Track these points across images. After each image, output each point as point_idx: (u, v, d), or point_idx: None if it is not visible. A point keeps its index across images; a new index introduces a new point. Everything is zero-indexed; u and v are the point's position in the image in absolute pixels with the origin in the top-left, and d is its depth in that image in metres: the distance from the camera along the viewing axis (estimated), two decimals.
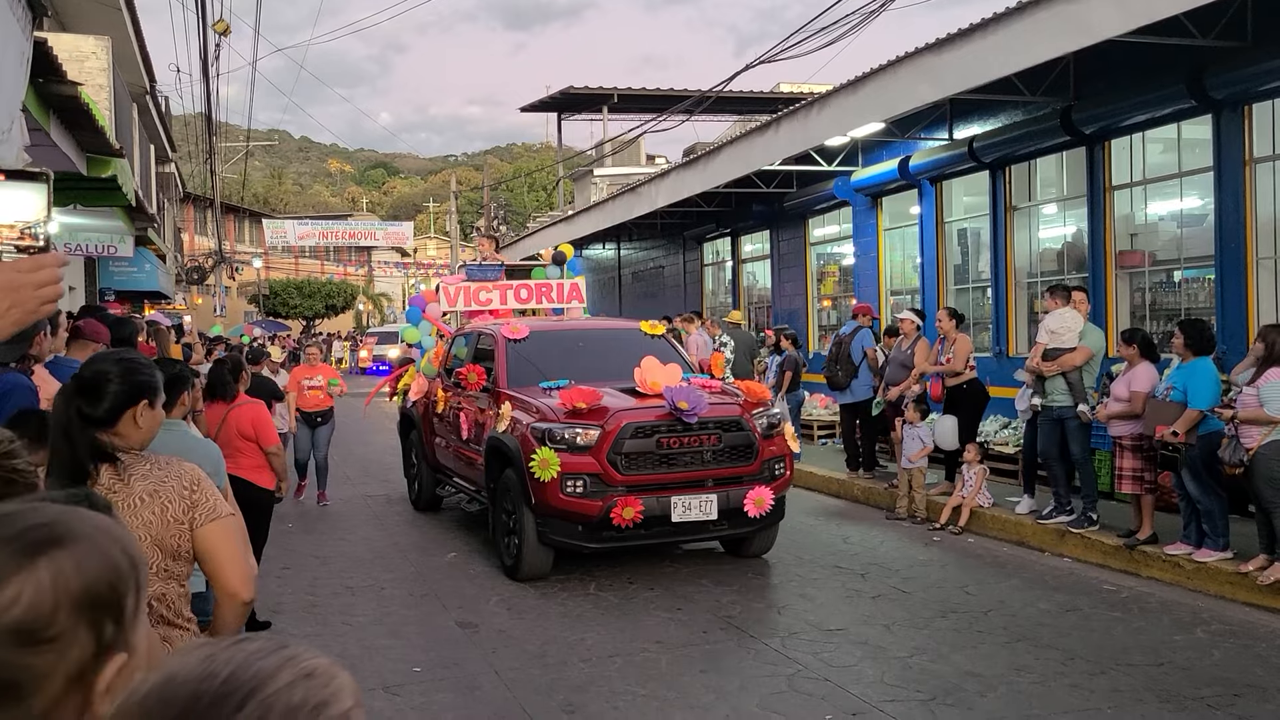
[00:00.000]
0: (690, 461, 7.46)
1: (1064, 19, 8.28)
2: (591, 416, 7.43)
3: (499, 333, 8.99)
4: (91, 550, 1.03)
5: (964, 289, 13.63)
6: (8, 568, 1.00)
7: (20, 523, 1.04)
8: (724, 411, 7.66)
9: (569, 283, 11.44)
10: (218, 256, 37.35)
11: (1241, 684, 5.38)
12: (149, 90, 17.57)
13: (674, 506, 7.34)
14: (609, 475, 7.28)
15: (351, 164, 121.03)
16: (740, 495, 7.51)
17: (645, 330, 9.37)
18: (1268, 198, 9.25)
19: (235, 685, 0.82)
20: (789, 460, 8.03)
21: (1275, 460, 6.75)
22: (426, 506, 10.57)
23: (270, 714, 0.80)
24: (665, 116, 20.52)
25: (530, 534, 7.52)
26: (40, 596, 0.99)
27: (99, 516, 1.10)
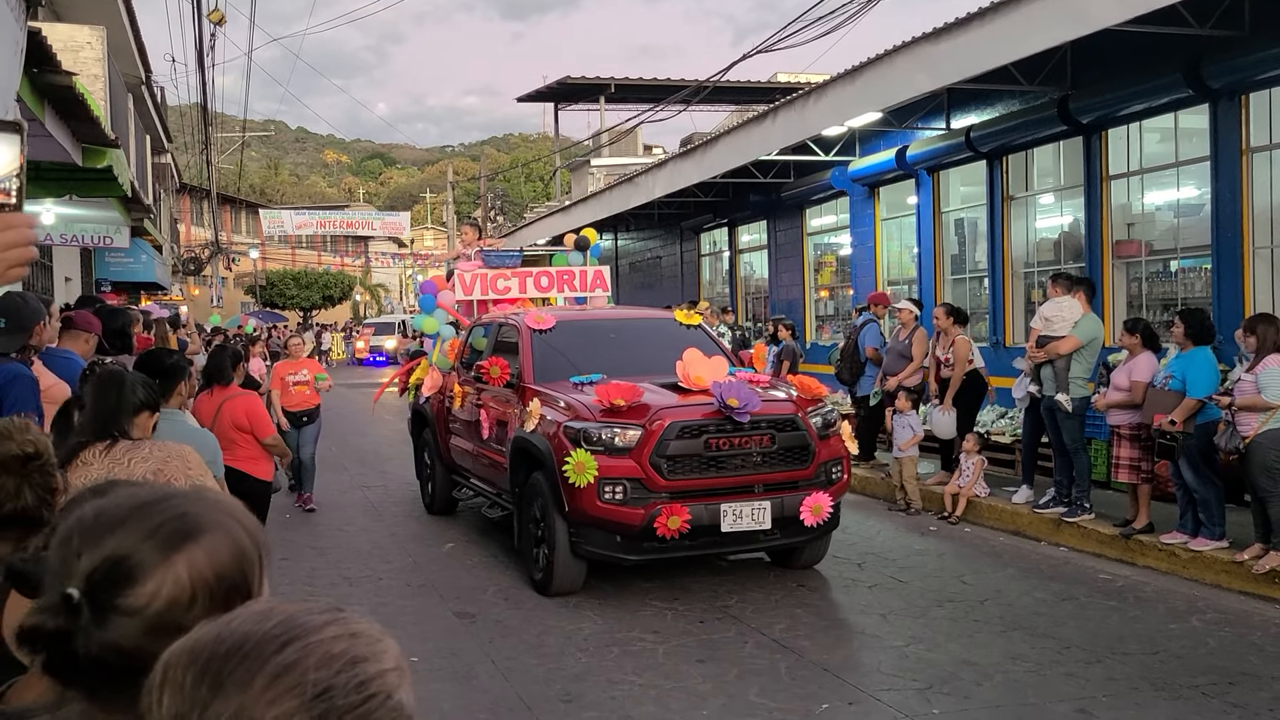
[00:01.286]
0: (741, 465, 6.74)
1: (1061, 8, 8.26)
2: (631, 415, 6.73)
3: (523, 323, 8.28)
4: (224, 539, 1.08)
5: (961, 279, 13.63)
6: (147, 563, 1.04)
7: (157, 516, 1.08)
8: (777, 409, 6.96)
9: (592, 270, 10.77)
10: (214, 247, 37.28)
11: (1236, 672, 5.40)
12: (144, 81, 17.51)
13: (724, 515, 6.62)
14: (652, 480, 6.56)
15: (348, 155, 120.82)
16: (796, 502, 6.80)
17: (680, 319, 8.75)
18: (1264, 187, 9.25)
19: (282, 630, 0.87)
20: (846, 462, 7.32)
21: (1271, 448, 6.77)
22: (442, 509, 9.91)
23: (308, 658, 0.85)
24: (662, 107, 20.49)
25: (562, 545, 6.82)
26: (179, 589, 1.04)
27: (227, 501, 1.15)
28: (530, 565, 7.32)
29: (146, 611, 1.03)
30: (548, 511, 6.93)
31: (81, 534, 1.08)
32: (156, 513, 1.08)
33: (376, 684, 0.87)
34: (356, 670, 0.86)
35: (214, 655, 0.85)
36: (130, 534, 1.06)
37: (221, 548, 1.07)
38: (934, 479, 10.11)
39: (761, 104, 17.65)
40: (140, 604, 1.03)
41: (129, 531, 1.06)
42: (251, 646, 0.85)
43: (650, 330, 8.88)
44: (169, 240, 27.30)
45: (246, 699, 0.82)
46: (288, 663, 0.84)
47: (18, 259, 1.65)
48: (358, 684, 0.86)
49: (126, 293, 20.58)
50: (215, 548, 1.07)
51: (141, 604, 1.03)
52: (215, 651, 0.85)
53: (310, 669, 0.84)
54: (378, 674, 0.87)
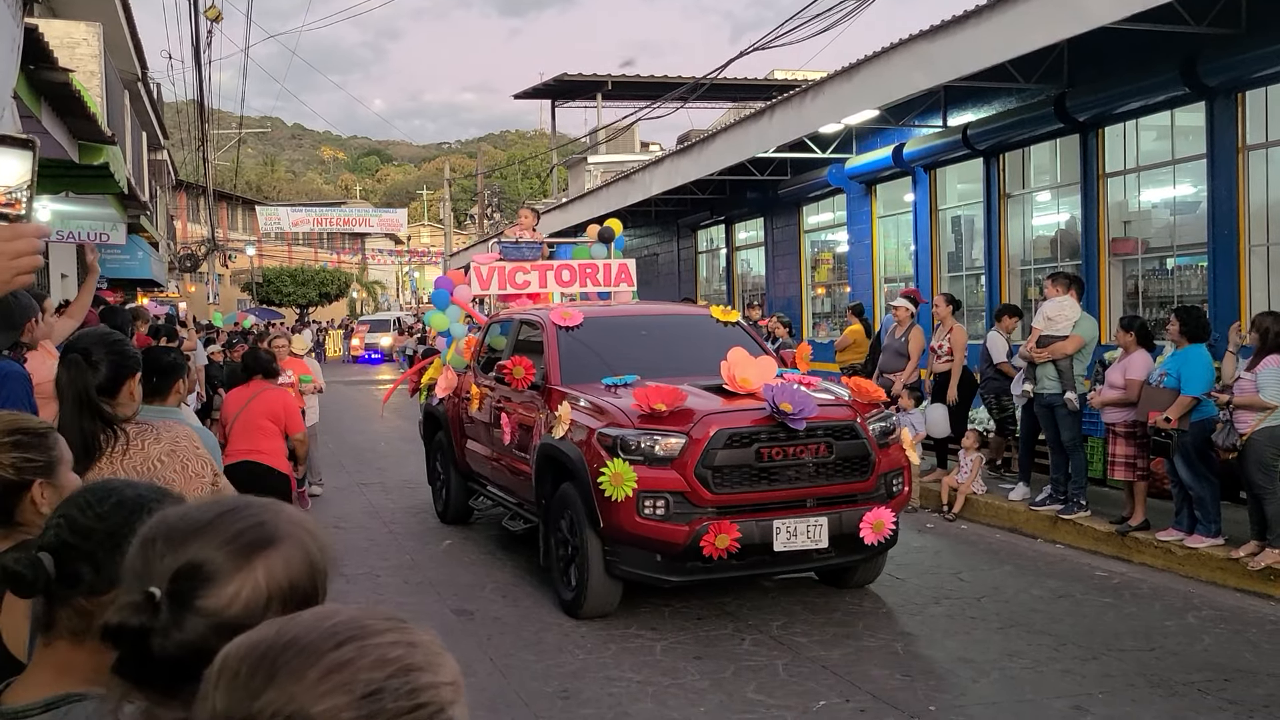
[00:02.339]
0: (795, 477, 6.12)
1: (1058, 5, 8.27)
2: (674, 421, 6.11)
3: (548, 319, 7.67)
4: (297, 548, 1.14)
5: (958, 276, 13.65)
6: (227, 568, 1.09)
7: (236, 524, 1.13)
8: (834, 415, 6.33)
9: (617, 263, 10.16)
10: (211, 244, 37.24)
11: (1232, 669, 5.42)
12: (141, 77, 17.49)
13: (776, 532, 5.99)
14: (697, 494, 5.95)
15: (345, 151, 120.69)
16: (855, 518, 6.16)
17: (717, 316, 8.15)
18: (1260, 185, 9.26)
19: (341, 630, 0.89)
20: (908, 473, 6.74)
21: (1267, 446, 6.80)
22: (456, 519, 9.30)
23: (363, 658, 0.86)
24: (659, 104, 20.49)
25: (596, 564, 6.23)
26: (256, 594, 1.09)
27: (296, 512, 1.20)
28: (559, 584, 6.72)
29: (224, 614, 1.07)
30: (579, 527, 6.35)
31: (165, 537, 1.12)
32: (237, 520, 1.13)
33: (429, 694, 0.87)
34: (410, 677, 0.87)
35: (271, 647, 0.87)
36: (212, 539, 1.11)
37: (295, 557, 1.13)
38: (930, 476, 10.13)
39: (759, 101, 17.66)
40: (220, 606, 1.08)
41: (211, 536, 1.11)
42: (309, 641, 0.87)
43: (685, 328, 8.31)
44: (165, 237, 27.26)
45: (298, 689, 0.84)
46: (343, 660, 0.86)
47: (26, 267, 1.68)
48: (409, 690, 0.86)
49: (123, 290, 20.55)
50: (290, 556, 1.12)
51: (221, 606, 1.08)
52: (274, 644, 0.88)
53: (364, 669, 0.85)
54: (431, 685, 0.88)
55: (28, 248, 1.68)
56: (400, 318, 43.78)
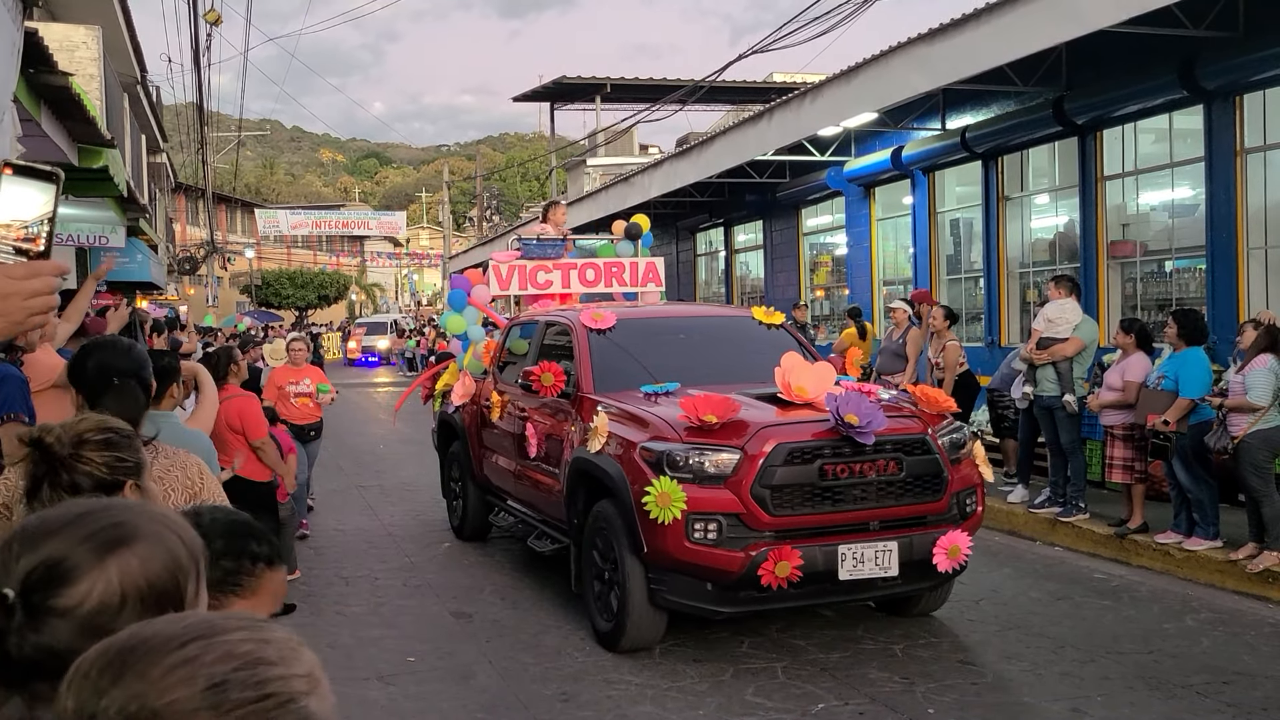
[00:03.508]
0: (861, 497, 5.55)
1: (1056, 9, 8.29)
2: (726, 434, 5.52)
3: (577, 322, 7.11)
4: (156, 546, 1.11)
5: (956, 279, 13.67)
6: (81, 566, 1.08)
7: (93, 522, 1.12)
8: (904, 428, 5.76)
9: (644, 261, 9.60)
10: (210, 247, 37.24)
11: (1230, 671, 5.42)
12: (140, 80, 17.50)
13: (841, 559, 5.44)
14: (754, 516, 5.36)
15: (344, 154, 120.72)
16: (927, 542, 5.60)
17: (760, 318, 7.55)
18: (1258, 188, 9.29)
19: (191, 630, 0.90)
20: (980, 492, 6.10)
21: (1260, 448, 6.82)
22: (473, 535, 8.73)
23: (208, 654, 0.87)
24: (658, 106, 20.49)
25: (638, 592, 5.65)
26: (110, 592, 1.07)
27: (163, 511, 1.19)
28: (594, 613, 6.11)
29: (77, 612, 1.06)
30: (618, 550, 5.75)
31: (21, 539, 1.12)
32: (93, 520, 1.12)
33: (277, 685, 0.88)
34: (257, 670, 0.88)
35: (121, 649, 0.88)
36: (66, 539, 1.10)
37: (154, 555, 1.10)
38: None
39: (757, 104, 17.68)
40: (72, 604, 1.07)
41: (65, 536, 1.10)
42: (157, 642, 0.88)
43: (727, 330, 7.77)
44: (164, 240, 27.26)
45: (143, 686, 0.85)
46: (187, 657, 0.87)
47: (42, 307, 1.61)
48: (256, 681, 0.87)
49: (121, 292, 20.54)
50: (148, 555, 1.10)
51: (73, 604, 1.07)
52: (124, 646, 0.89)
53: (208, 663, 0.87)
54: (280, 677, 0.88)
55: (44, 287, 1.60)
56: (397, 320, 43.77)
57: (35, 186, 1.70)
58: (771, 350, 6.66)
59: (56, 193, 1.71)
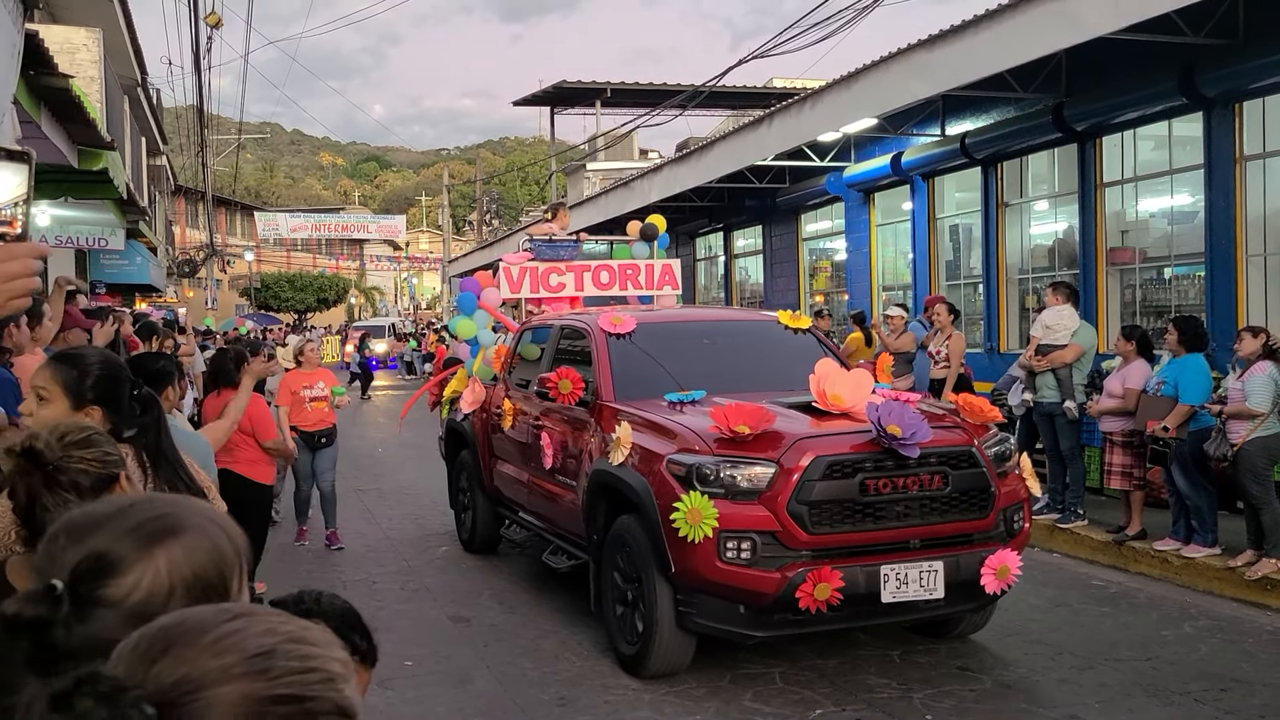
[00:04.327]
0: (905, 513, 5.21)
1: (1056, 15, 8.30)
2: (760, 446, 5.20)
3: (595, 325, 6.79)
4: (202, 539, 1.14)
5: (956, 285, 13.67)
6: (130, 557, 1.10)
7: (139, 515, 1.15)
8: (949, 440, 5.42)
9: (660, 263, 9.26)
10: (209, 249, 37.25)
11: (1228, 678, 5.42)
12: (140, 82, 17.51)
13: (884, 580, 5.10)
14: (790, 534, 5.04)
15: (344, 157, 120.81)
16: (975, 562, 5.28)
17: (786, 322, 7.17)
18: (1257, 195, 9.29)
19: (234, 609, 0.92)
20: (1027, 507, 5.77)
21: (1259, 455, 6.82)
22: (483, 548, 8.43)
23: (254, 627, 0.90)
24: (658, 111, 20.52)
25: (665, 614, 5.33)
26: (157, 583, 1.10)
27: (207, 506, 1.21)
28: (616, 636, 5.79)
29: (125, 604, 1.08)
30: (644, 569, 5.44)
31: (68, 531, 1.14)
32: (139, 513, 1.15)
33: (319, 662, 0.89)
34: (301, 646, 0.89)
35: (166, 626, 0.91)
36: (113, 530, 1.12)
37: (200, 548, 1.13)
38: None
39: (757, 109, 17.69)
40: (120, 595, 1.09)
41: (112, 528, 1.13)
42: (204, 616, 0.91)
43: (752, 335, 7.42)
44: (164, 242, 27.27)
45: (191, 653, 0.87)
46: (235, 629, 0.89)
47: (20, 290, 1.60)
48: (300, 655, 0.89)
49: (120, 295, 20.54)
50: (194, 547, 1.12)
51: (121, 595, 1.09)
52: (169, 624, 0.91)
53: (254, 634, 0.89)
54: (322, 656, 0.90)
55: (22, 269, 1.59)
56: (395, 324, 43.76)
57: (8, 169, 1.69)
58: (800, 356, 6.42)
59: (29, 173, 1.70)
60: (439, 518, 9.97)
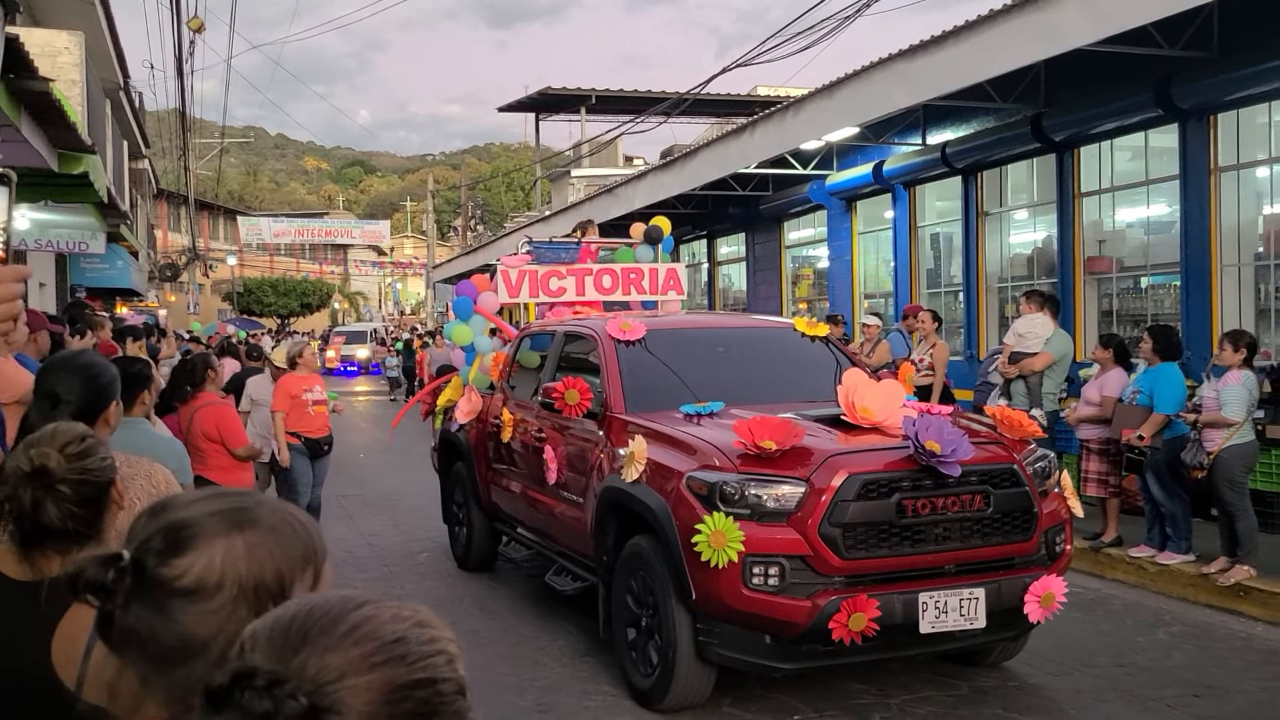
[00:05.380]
0: (944, 536, 4.84)
1: (1036, 27, 8.38)
2: (788, 464, 4.83)
3: (603, 332, 6.37)
4: (266, 539, 1.15)
5: (936, 293, 13.75)
6: (187, 543, 1.13)
7: (221, 503, 1.17)
8: (990, 457, 5.07)
9: (665, 267, 8.91)
10: (191, 253, 37.08)
11: (1201, 685, 5.48)
12: (122, 86, 17.44)
13: (922, 609, 4.74)
14: (822, 559, 4.67)
15: (328, 162, 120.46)
16: (1017, 589, 4.92)
17: (802, 330, 6.81)
18: (1231, 206, 9.40)
19: (353, 598, 0.97)
20: (1069, 529, 5.42)
21: (1235, 463, 6.89)
22: (479, 565, 8.04)
23: (382, 614, 0.95)
24: (643, 118, 20.60)
25: (685, 645, 4.94)
26: (209, 571, 1.11)
27: (290, 507, 1.23)
28: (629, 666, 5.41)
29: (176, 584, 1.11)
30: (661, 595, 5.08)
31: (153, 510, 1.18)
32: (221, 501, 1.18)
33: (442, 645, 0.96)
34: (425, 630, 0.95)
35: (297, 614, 0.94)
36: (188, 510, 1.16)
37: (262, 547, 1.14)
38: None
39: (741, 117, 17.77)
40: (174, 575, 1.11)
41: (188, 509, 1.16)
42: (331, 607, 0.95)
43: (769, 343, 7.04)
44: (145, 246, 27.13)
45: (330, 642, 0.91)
46: (366, 615, 0.94)
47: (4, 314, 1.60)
48: (428, 639, 0.95)
49: (101, 299, 20.45)
50: (255, 546, 1.14)
51: (175, 575, 1.11)
52: (296, 614, 0.94)
53: (385, 622, 0.94)
54: (443, 639, 0.96)
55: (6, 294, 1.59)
56: (377, 329, 43.61)
57: None
58: (819, 366, 6.21)
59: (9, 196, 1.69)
60: (422, 525, 9.96)
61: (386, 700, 0.90)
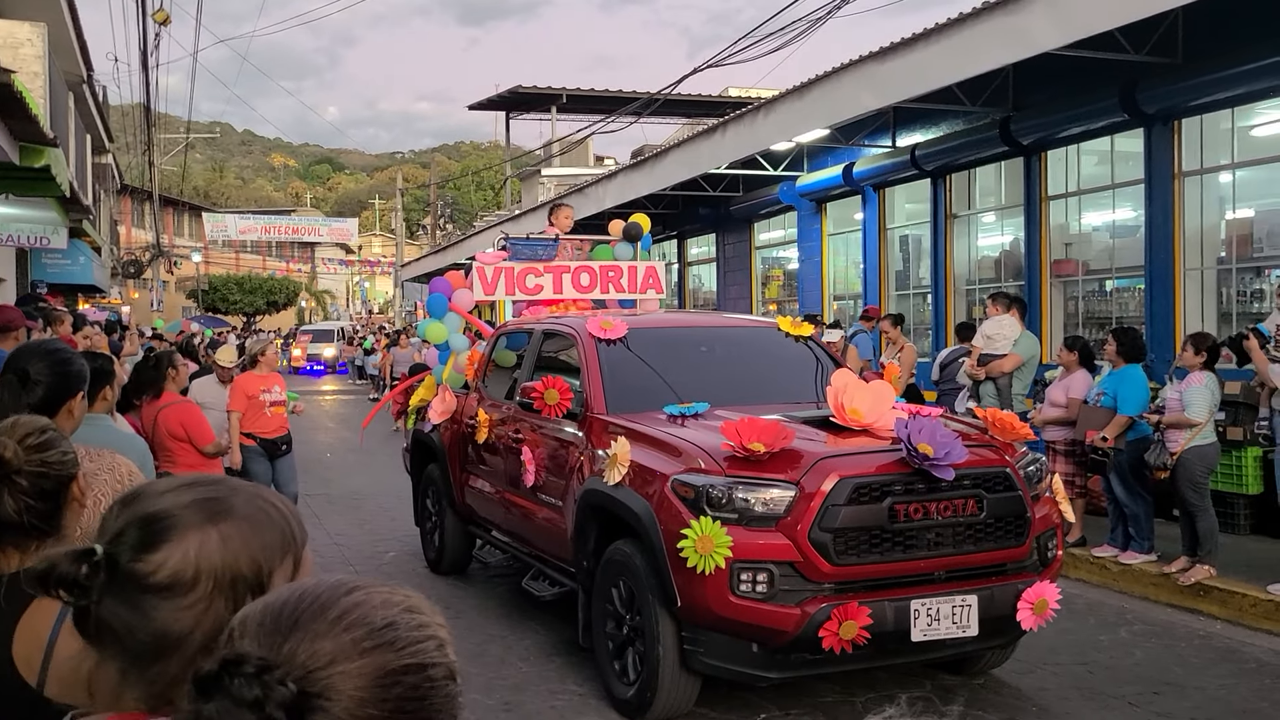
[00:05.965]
0: (937, 541, 4.72)
1: (1004, 31, 8.46)
2: (777, 466, 4.69)
3: (584, 330, 6.22)
4: (242, 530, 1.14)
5: (905, 294, 13.85)
6: (160, 537, 1.12)
7: (195, 493, 1.16)
8: (983, 460, 4.95)
9: (644, 265, 8.81)
10: (155, 250, 36.62)
11: (1161, 682, 5.55)
12: (86, 79, 17.19)
13: (914, 616, 4.62)
14: (812, 565, 4.54)
15: (295, 158, 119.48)
16: (1010, 595, 4.82)
17: (786, 330, 6.67)
18: (1195, 210, 9.53)
19: (343, 583, 0.97)
20: (1060, 534, 5.34)
21: (1197, 464, 6.98)
22: (452, 569, 7.86)
23: (371, 600, 0.95)
24: (614, 118, 20.58)
25: (669, 654, 4.81)
26: (184, 566, 1.11)
27: (266, 493, 1.21)
28: (609, 675, 5.26)
29: (150, 579, 1.10)
30: (644, 602, 4.92)
31: (124, 500, 1.17)
32: (195, 491, 1.17)
33: (432, 630, 0.96)
34: (414, 616, 0.96)
35: (287, 601, 0.95)
36: (161, 502, 1.14)
37: (237, 537, 1.13)
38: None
39: (712, 117, 17.79)
40: (148, 570, 1.10)
41: (161, 500, 1.15)
42: (321, 593, 0.95)
43: (753, 343, 6.93)
44: (108, 242, 26.79)
45: (320, 628, 0.92)
46: (356, 601, 0.95)
47: None
48: (418, 624, 0.95)
49: (63, 295, 20.16)
50: (230, 535, 1.13)
51: (149, 570, 1.10)
52: (287, 600, 0.95)
53: (375, 607, 0.95)
54: (432, 624, 0.97)
55: None
56: (344, 327, 43.31)
57: None
58: (804, 366, 6.16)
59: None
60: (387, 525, 9.89)
61: (376, 685, 0.91)
